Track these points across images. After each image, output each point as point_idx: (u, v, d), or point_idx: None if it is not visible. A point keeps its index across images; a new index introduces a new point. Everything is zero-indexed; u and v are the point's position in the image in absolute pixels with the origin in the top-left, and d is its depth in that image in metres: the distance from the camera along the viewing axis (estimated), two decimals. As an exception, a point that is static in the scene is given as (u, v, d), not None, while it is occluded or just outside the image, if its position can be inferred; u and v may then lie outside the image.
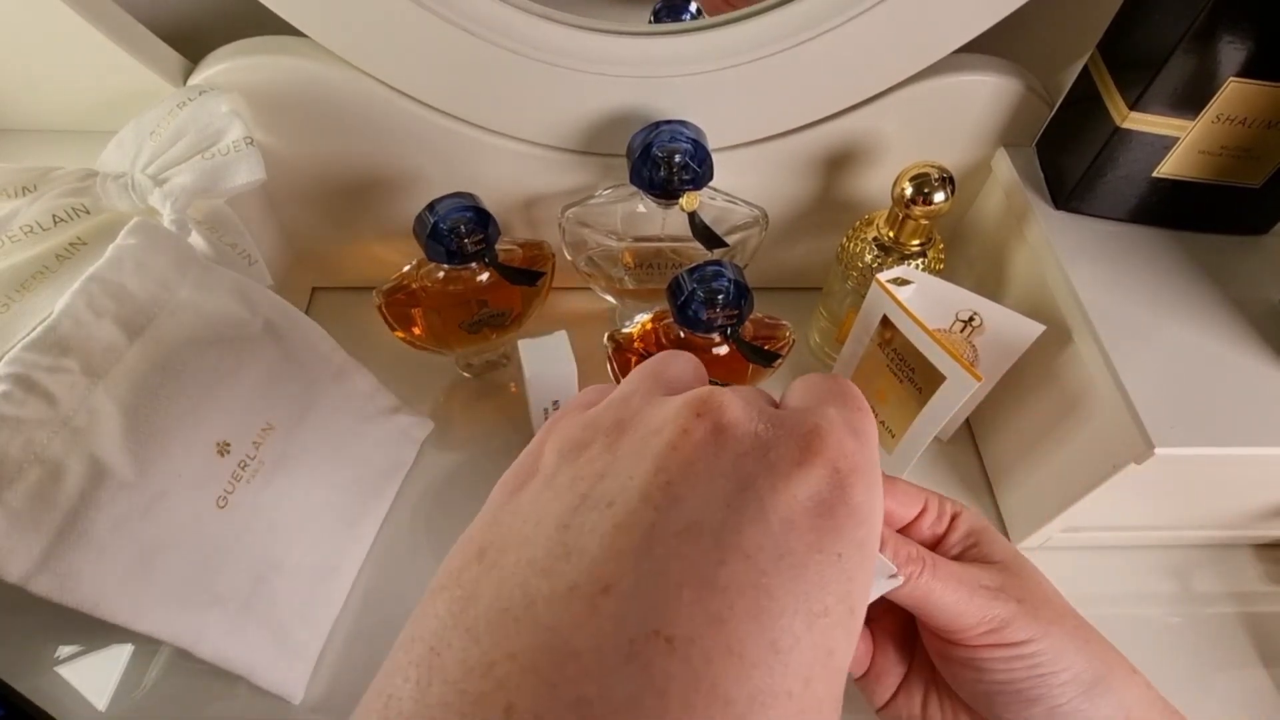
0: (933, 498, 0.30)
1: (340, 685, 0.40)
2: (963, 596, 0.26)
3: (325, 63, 0.41)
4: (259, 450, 0.38)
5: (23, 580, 0.30)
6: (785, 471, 0.18)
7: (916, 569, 0.26)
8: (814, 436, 0.19)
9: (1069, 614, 0.28)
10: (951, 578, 0.26)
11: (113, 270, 0.34)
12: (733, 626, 0.15)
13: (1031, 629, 0.26)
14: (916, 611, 0.27)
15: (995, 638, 0.26)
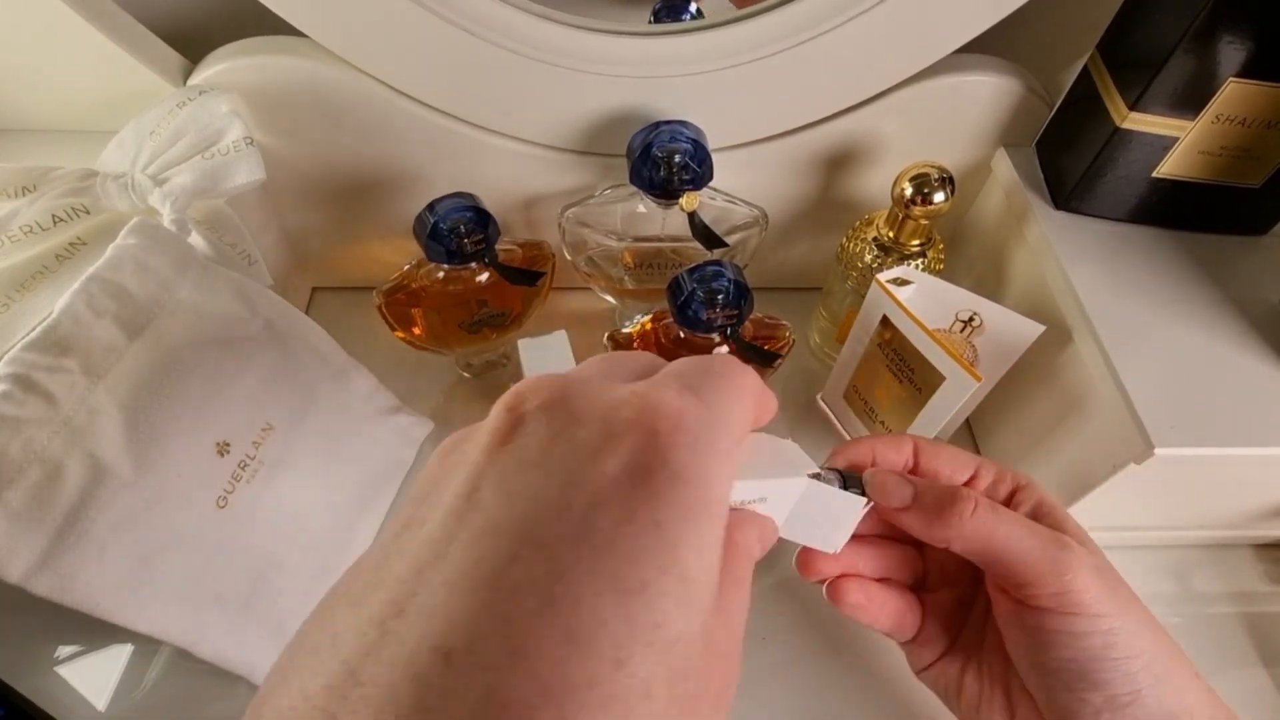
0: (988, 464, 0.30)
1: (340, 685, 0.40)
2: (1027, 535, 0.26)
3: (325, 63, 0.41)
4: (259, 450, 0.38)
5: (23, 580, 0.30)
6: (593, 447, 0.17)
7: (967, 506, 0.26)
8: (624, 405, 0.17)
9: (1139, 602, 0.27)
10: (1016, 521, 0.26)
11: (113, 270, 0.34)
12: (519, 625, 0.14)
13: (1109, 604, 0.25)
14: (984, 560, 0.27)
15: (1070, 603, 0.25)
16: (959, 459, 0.29)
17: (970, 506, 0.26)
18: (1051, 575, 0.25)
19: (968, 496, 0.27)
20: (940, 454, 0.29)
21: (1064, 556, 0.25)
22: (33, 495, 0.30)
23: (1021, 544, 0.26)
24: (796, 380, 0.54)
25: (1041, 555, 0.26)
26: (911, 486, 0.28)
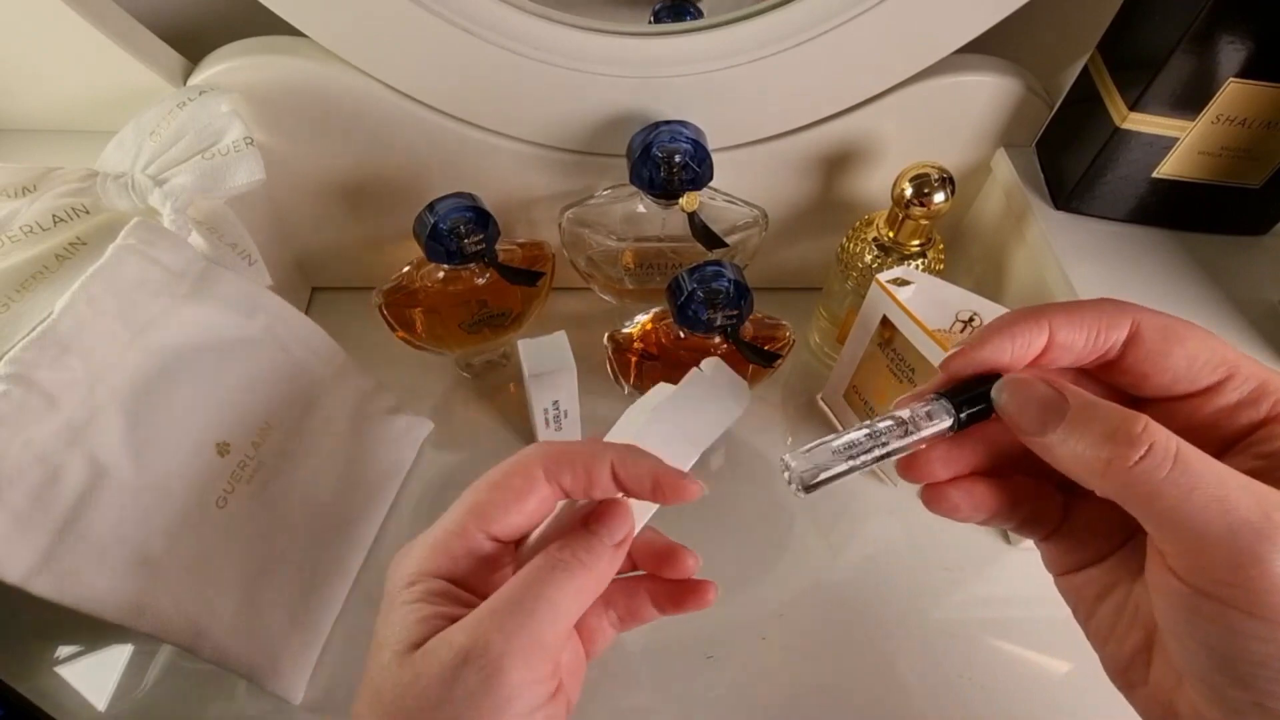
0: (1247, 368, 0.21)
1: (340, 685, 0.40)
2: (1208, 509, 0.18)
3: (325, 63, 0.41)
4: (258, 451, 0.38)
5: (23, 580, 0.30)
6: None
7: (1130, 451, 0.19)
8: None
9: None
10: (1199, 486, 0.18)
11: (113, 270, 0.34)
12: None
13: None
14: (1147, 525, 0.20)
15: (1247, 601, 0.18)
16: (1204, 356, 0.21)
17: (1136, 453, 0.19)
18: (1226, 567, 0.18)
19: (1137, 438, 0.19)
20: (1184, 342, 0.21)
21: (1253, 547, 0.18)
22: (33, 495, 0.30)
23: (1194, 521, 0.18)
24: (796, 380, 0.54)
25: (1219, 540, 0.18)
26: (1064, 401, 0.20)
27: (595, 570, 0.25)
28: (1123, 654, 0.23)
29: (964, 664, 0.41)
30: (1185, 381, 0.21)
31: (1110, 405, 0.20)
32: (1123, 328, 0.22)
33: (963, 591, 0.44)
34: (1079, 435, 0.20)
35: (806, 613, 0.43)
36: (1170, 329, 0.21)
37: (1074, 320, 0.22)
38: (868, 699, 0.40)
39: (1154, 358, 0.21)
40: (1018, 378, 0.22)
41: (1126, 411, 0.20)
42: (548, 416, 0.45)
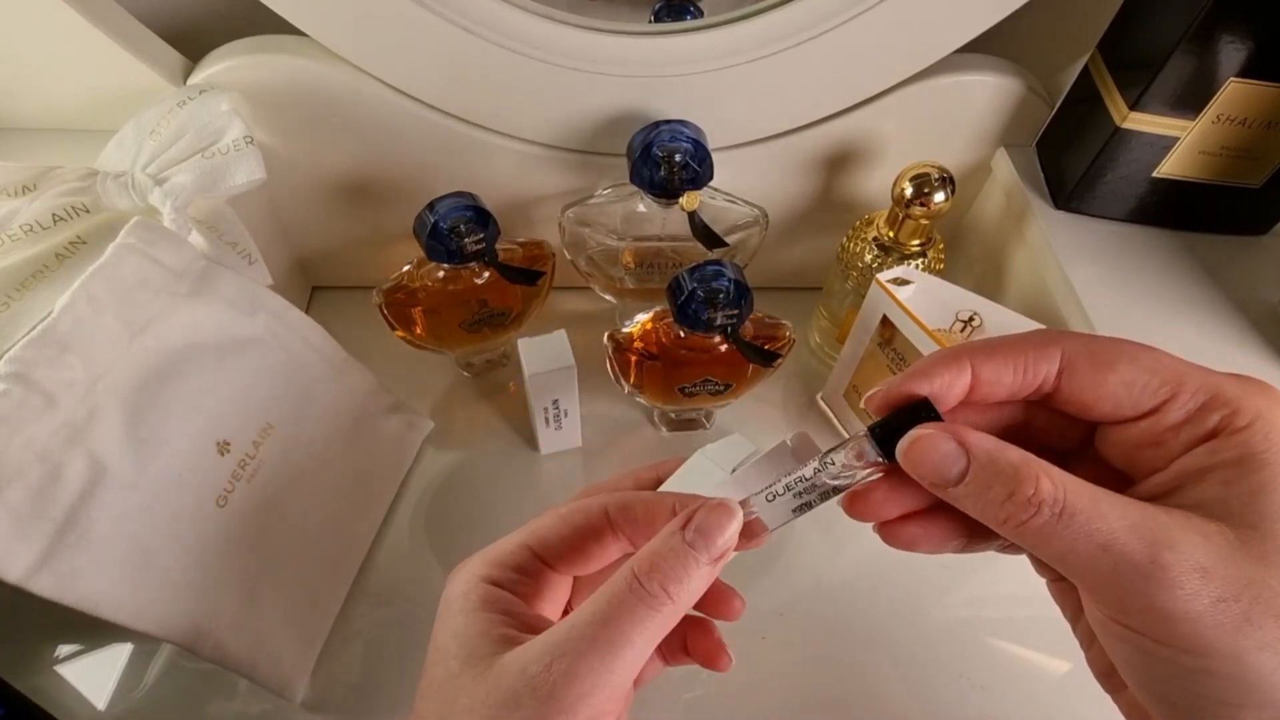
0: (1193, 383, 0.20)
1: (340, 685, 0.40)
2: (1104, 552, 0.19)
3: (325, 62, 0.41)
4: (259, 450, 0.38)
5: (23, 579, 0.30)
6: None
7: (1022, 512, 0.19)
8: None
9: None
10: (1095, 527, 0.19)
11: (113, 269, 0.34)
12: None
13: (1229, 638, 0.18)
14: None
15: (1162, 633, 0.19)
16: (1141, 380, 0.21)
17: (1026, 513, 0.19)
18: (1119, 606, 0.19)
19: (1027, 501, 0.19)
20: (1116, 369, 0.21)
21: (1139, 587, 0.18)
22: (32, 494, 0.30)
23: (1083, 566, 0.19)
24: (796, 380, 0.54)
25: (1107, 582, 0.19)
26: (964, 459, 0.21)
27: (681, 600, 0.22)
28: (1104, 660, 0.23)
29: (964, 663, 0.41)
30: (1127, 407, 0.21)
31: (1006, 461, 0.20)
32: (1051, 359, 0.22)
33: (962, 591, 0.44)
34: (976, 495, 0.20)
35: (806, 612, 0.43)
36: (1101, 357, 0.21)
37: (995, 356, 0.22)
38: (868, 698, 0.40)
39: (1089, 388, 0.21)
40: (919, 435, 0.21)
41: (1021, 469, 0.20)
42: (548, 415, 0.45)
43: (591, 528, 0.25)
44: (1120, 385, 0.21)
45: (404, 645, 0.41)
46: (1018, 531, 0.20)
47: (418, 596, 0.43)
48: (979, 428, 0.21)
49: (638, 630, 0.22)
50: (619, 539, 0.25)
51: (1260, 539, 0.18)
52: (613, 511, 0.25)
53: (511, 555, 0.25)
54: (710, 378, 0.43)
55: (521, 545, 0.25)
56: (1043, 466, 0.20)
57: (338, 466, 0.42)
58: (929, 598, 0.44)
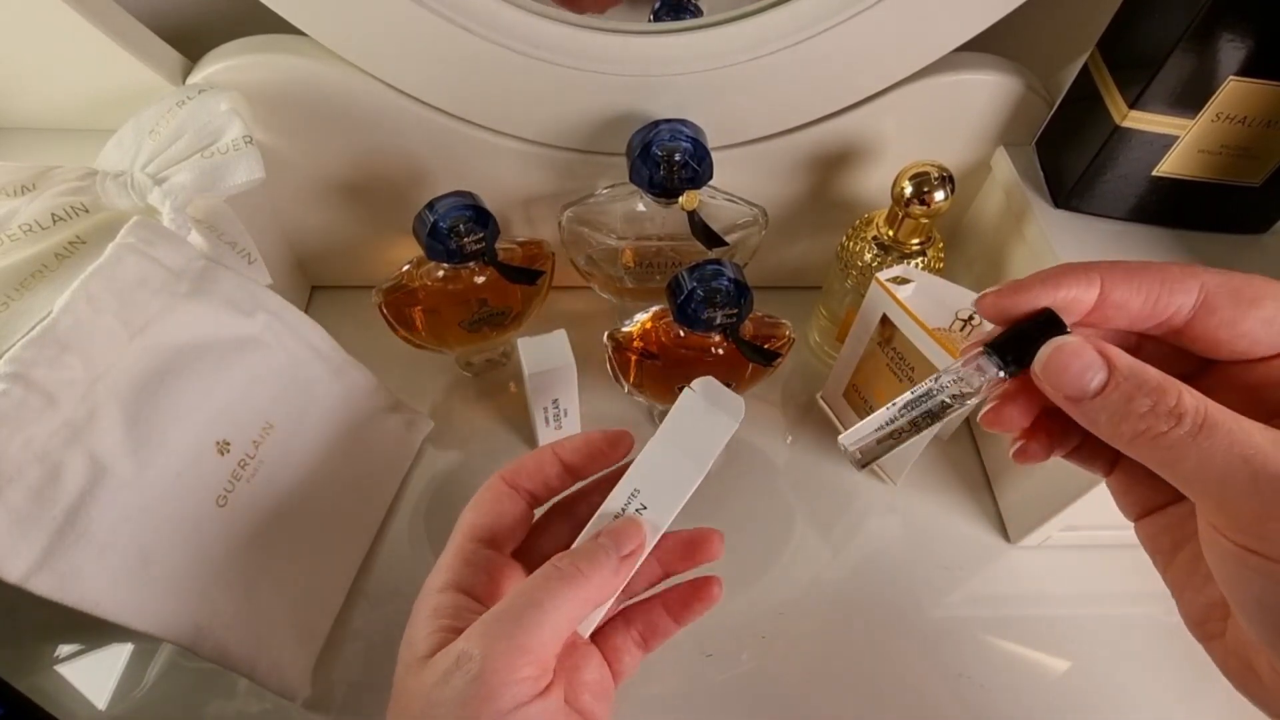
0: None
1: (340, 684, 0.40)
2: (1234, 471, 0.18)
3: (324, 61, 0.41)
4: (259, 449, 0.38)
5: (22, 579, 0.30)
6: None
7: (1158, 423, 0.19)
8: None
9: None
10: (1224, 448, 0.18)
11: (112, 269, 0.34)
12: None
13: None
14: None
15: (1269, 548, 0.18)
16: (1276, 320, 0.20)
17: (1166, 425, 0.19)
18: (1256, 519, 0.18)
19: (1170, 412, 0.19)
20: (1259, 305, 0.20)
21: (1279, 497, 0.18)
22: (32, 494, 0.30)
23: (1220, 478, 0.18)
24: (796, 379, 0.54)
25: (1245, 493, 0.18)
26: (1105, 369, 0.20)
27: (594, 579, 0.27)
28: (1199, 605, 0.23)
29: (963, 662, 0.42)
30: (1263, 345, 0.20)
31: (1151, 374, 0.20)
32: (1189, 293, 0.21)
33: (962, 590, 0.44)
34: (1116, 406, 0.20)
35: (806, 611, 0.43)
36: (1242, 293, 0.21)
37: (1131, 280, 0.21)
38: (867, 697, 0.40)
39: (1227, 325, 0.21)
40: (1063, 344, 0.21)
41: (1164, 383, 0.19)
42: (547, 415, 0.45)
43: (504, 499, 0.31)
44: (1260, 322, 0.20)
45: (404, 645, 0.41)
46: (1154, 443, 0.19)
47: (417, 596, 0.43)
48: None
49: (547, 596, 0.26)
50: (527, 499, 0.31)
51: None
52: (508, 477, 0.31)
53: (456, 555, 0.29)
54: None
55: (458, 543, 0.30)
56: (1181, 383, 0.19)
57: (338, 466, 0.42)
58: (928, 597, 0.44)
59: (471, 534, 0.30)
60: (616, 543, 0.28)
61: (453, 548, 0.30)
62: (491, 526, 0.30)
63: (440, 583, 0.29)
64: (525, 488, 0.31)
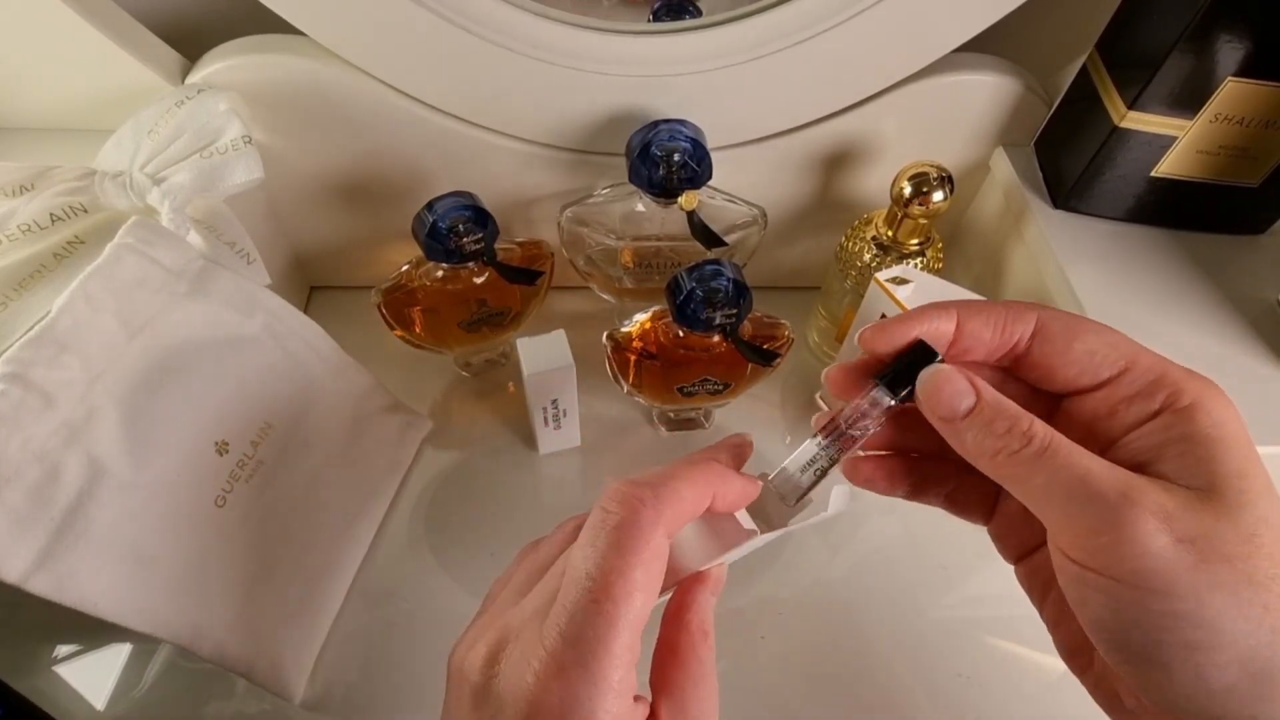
0: (1145, 364, 0.23)
1: (339, 685, 0.40)
2: (1069, 491, 0.21)
3: (324, 61, 0.41)
4: (258, 450, 0.38)
5: (21, 580, 0.30)
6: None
7: (1009, 441, 0.22)
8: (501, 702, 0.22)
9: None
10: (1061, 468, 0.21)
11: (111, 269, 0.34)
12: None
13: (1185, 576, 0.19)
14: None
15: (1114, 569, 0.20)
16: (1103, 351, 0.23)
17: (1019, 443, 0.22)
18: (1091, 534, 0.20)
19: (1024, 432, 0.22)
20: (1083, 337, 0.23)
21: (1110, 515, 0.20)
22: (31, 494, 0.30)
23: (1061, 496, 0.21)
24: (795, 379, 0.54)
25: (1082, 510, 0.21)
26: (974, 395, 0.23)
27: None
28: (1069, 639, 0.25)
29: (962, 662, 0.42)
30: (1088, 374, 0.23)
31: (1006, 405, 0.23)
32: (1027, 322, 0.24)
33: (961, 590, 0.44)
34: (980, 426, 0.23)
35: (805, 611, 0.43)
36: (1070, 326, 0.24)
37: (981, 313, 0.24)
38: (867, 697, 0.40)
39: (1057, 353, 0.24)
40: (941, 368, 0.24)
41: (1020, 411, 0.22)
42: (546, 415, 0.45)
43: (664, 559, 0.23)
44: (1085, 352, 0.23)
45: (403, 645, 0.41)
46: (1010, 459, 0.22)
47: (417, 596, 0.43)
48: None
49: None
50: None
51: (1214, 499, 0.20)
52: (669, 527, 0.23)
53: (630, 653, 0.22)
54: (709, 377, 0.43)
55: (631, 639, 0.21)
56: (1033, 415, 0.22)
57: (336, 466, 0.42)
58: (926, 597, 0.44)
59: (640, 629, 0.22)
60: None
61: (625, 657, 0.21)
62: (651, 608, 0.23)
63: (617, 708, 0.21)
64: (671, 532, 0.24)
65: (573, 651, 0.20)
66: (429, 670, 0.40)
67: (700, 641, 0.24)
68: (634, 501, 0.22)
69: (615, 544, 0.21)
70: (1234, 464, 0.21)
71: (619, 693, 0.21)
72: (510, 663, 0.22)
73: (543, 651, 0.21)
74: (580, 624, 0.21)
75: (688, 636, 0.24)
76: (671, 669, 0.24)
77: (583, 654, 0.20)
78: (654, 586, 0.22)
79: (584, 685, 0.20)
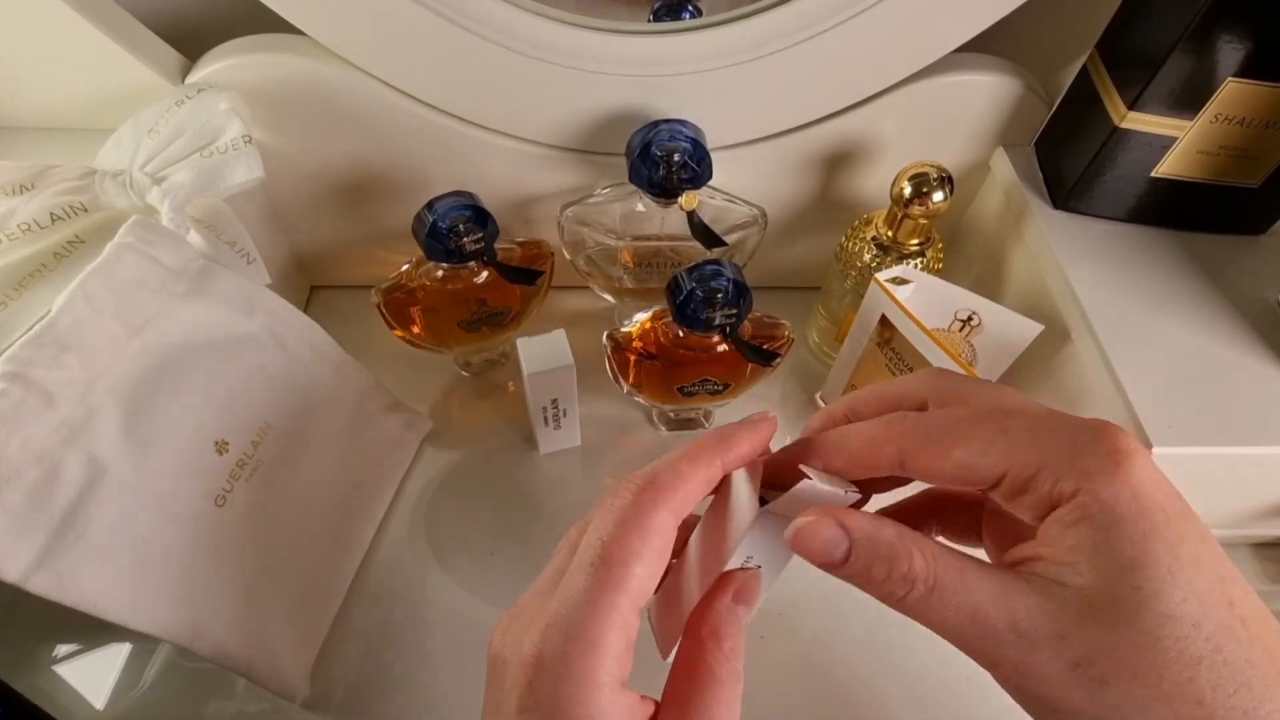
0: (1027, 460, 0.21)
1: (339, 684, 0.40)
2: (977, 622, 0.20)
3: (324, 61, 0.41)
4: (257, 449, 0.38)
5: (21, 579, 0.30)
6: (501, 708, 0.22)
7: (899, 587, 0.21)
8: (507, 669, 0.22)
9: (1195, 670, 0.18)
10: (950, 616, 0.20)
11: (111, 268, 0.34)
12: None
13: (1093, 707, 0.19)
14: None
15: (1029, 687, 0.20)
16: (974, 461, 0.21)
17: (903, 590, 0.21)
18: (991, 667, 0.21)
19: (902, 578, 0.21)
20: (949, 453, 0.22)
21: (999, 653, 0.20)
22: (31, 494, 0.30)
23: (956, 635, 0.21)
24: (795, 379, 0.54)
25: (977, 648, 0.21)
26: (846, 541, 0.22)
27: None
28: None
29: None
30: (973, 483, 0.22)
31: (883, 540, 0.21)
32: (888, 457, 0.23)
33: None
34: (861, 574, 0.22)
35: (805, 612, 0.43)
36: (934, 440, 0.22)
37: (837, 455, 0.24)
38: (867, 698, 0.40)
39: (933, 472, 0.22)
40: (804, 523, 0.23)
41: (895, 548, 0.21)
42: (546, 415, 0.45)
43: (670, 546, 0.24)
44: (958, 466, 0.22)
45: (403, 645, 0.41)
46: (900, 606, 0.21)
47: (417, 596, 0.43)
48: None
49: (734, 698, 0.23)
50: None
51: (1108, 603, 0.19)
52: (677, 511, 0.24)
53: (624, 633, 0.22)
54: (709, 377, 0.43)
55: (629, 614, 0.22)
56: (916, 542, 0.21)
57: (336, 466, 0.42)
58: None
59: (637, 603, 0.22)
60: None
61: (617, 620, 0.21)
62: (654, 588, 0.23)
63: (611, 677, 0.21)
64: (680, 519, 0.24)
65: (568, 615, 0.21)
66: (429, 670, 0.40)
67: (711, 649, 0.23)
68: (633, 485, 0.23)
69: (617, 521, 0.22)
70: (1125, 551, 0.19)
71: (614, 657, 0.21)
72: (516, 630, 0.22)
73: (543, 618, 0.22)
74: (577, 589, 0.21)
75: (697, 643, 0.24)
76: (678, 675, 0.24)
77: (577, 617, 0.21)
78: (653, 560, 0.22)
79: (576, 645, 0.21)
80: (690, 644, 0.24)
